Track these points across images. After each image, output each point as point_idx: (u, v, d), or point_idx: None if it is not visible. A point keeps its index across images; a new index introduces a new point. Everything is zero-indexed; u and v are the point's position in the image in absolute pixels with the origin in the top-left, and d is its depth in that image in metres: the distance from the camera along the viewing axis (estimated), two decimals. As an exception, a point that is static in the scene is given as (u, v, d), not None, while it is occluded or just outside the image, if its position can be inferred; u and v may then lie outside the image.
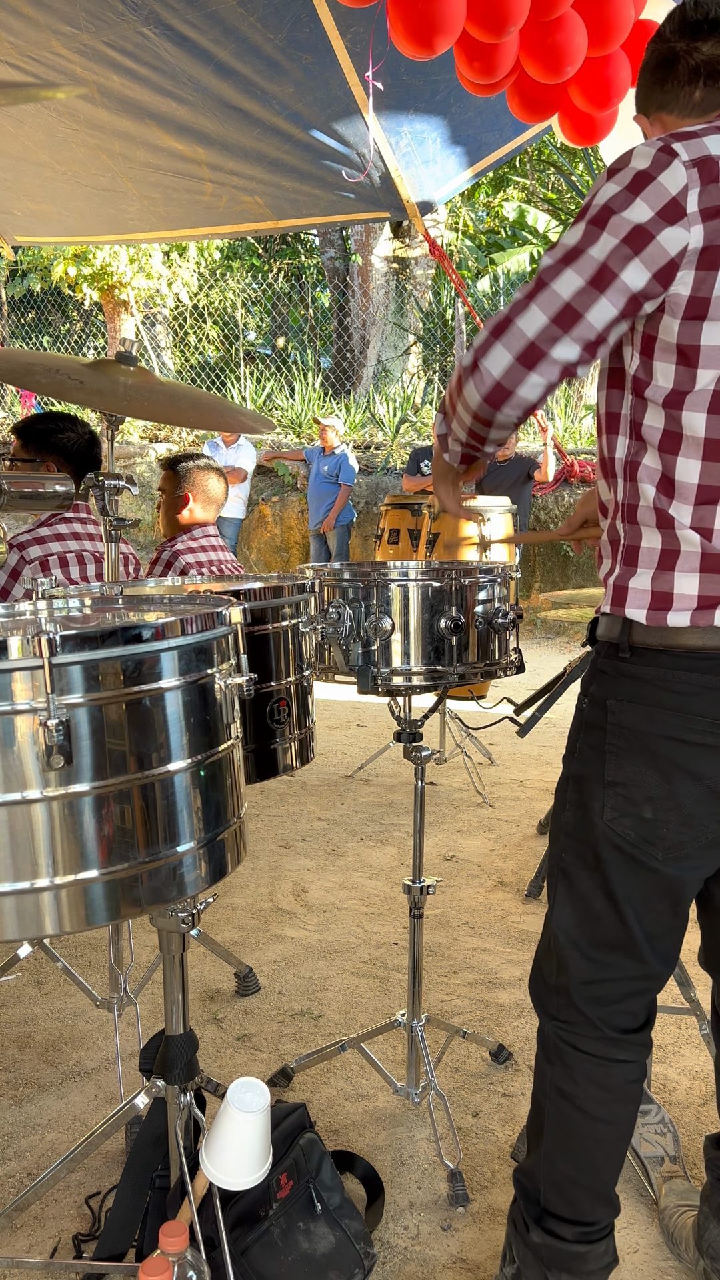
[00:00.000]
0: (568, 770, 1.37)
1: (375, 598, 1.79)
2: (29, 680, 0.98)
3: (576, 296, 1.14)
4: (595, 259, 1.13)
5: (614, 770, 1.28)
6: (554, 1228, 1.40)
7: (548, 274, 1.16)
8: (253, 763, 1.54)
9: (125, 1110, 1.61)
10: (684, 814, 1.24)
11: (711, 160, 1.13)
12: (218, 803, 1.16)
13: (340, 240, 12.58)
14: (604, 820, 1.30)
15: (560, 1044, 1.39)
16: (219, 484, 3.04)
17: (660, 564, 1.22)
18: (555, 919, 1.39)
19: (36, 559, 2.37)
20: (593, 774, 1.31)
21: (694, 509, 1.19)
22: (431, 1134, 1.93)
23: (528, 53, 3.17)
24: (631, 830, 1.28)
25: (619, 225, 1.13)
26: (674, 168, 1.12)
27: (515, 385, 1.17)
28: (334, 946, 2.77)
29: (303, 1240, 1.46)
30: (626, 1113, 1.40)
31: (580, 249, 1.15)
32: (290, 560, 9.48)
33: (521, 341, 1.15)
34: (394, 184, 4.42)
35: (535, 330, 1.15)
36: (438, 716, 4.76)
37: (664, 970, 1.36)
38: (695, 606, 1.19)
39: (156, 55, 3.57)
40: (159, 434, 10.49)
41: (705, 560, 1.19)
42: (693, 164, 1.12)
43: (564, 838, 1.37)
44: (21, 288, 12.21)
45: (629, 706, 1.26)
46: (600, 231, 1.14)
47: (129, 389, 1.71)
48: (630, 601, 1.24)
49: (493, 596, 1.89)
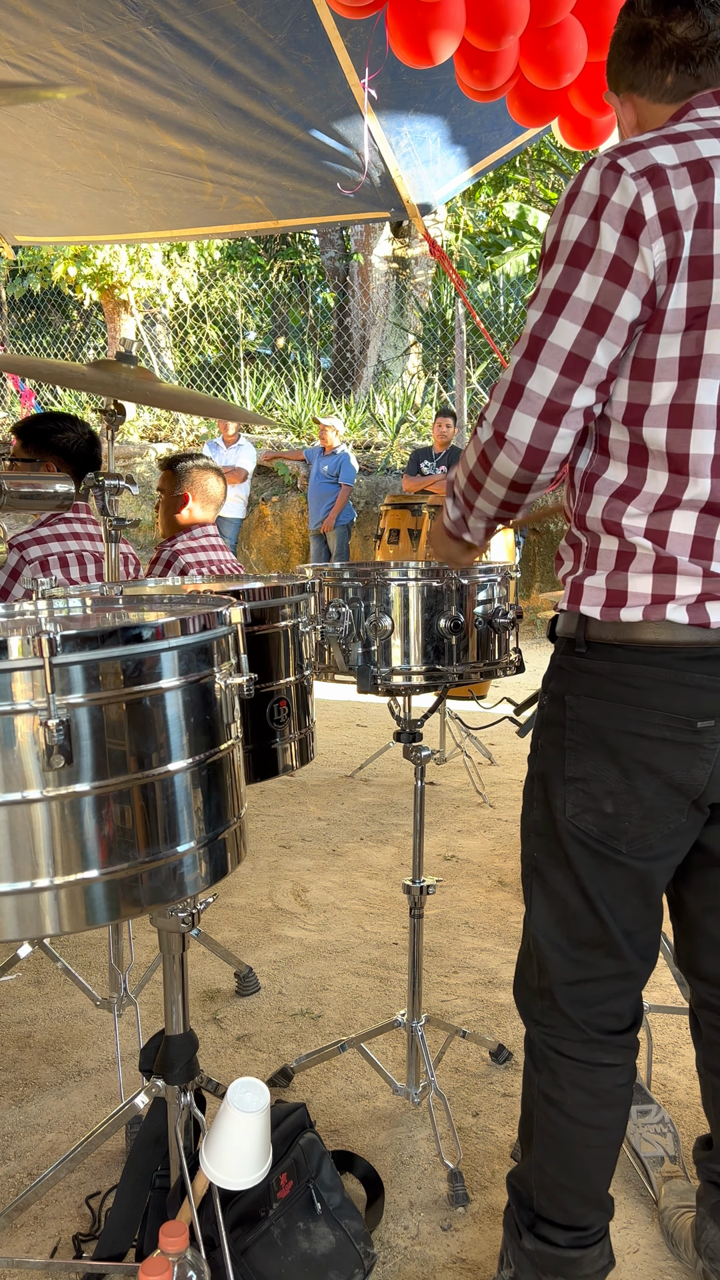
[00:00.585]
0: (532, 768, 1.38)
1: (375, 598, 1.79)
2: (29, 680, 0.98)
3: (578, 344, 1.15)
4: (585, 302, 1.14)
5: (574, 766, 1.30)
6: (547, 1234, 1.40)
7: (541, 329, 1.17)
8: (253, 763, 1.54)
9: (125, 1110, 1.61)
10: (645, 807, 1.26)
11: (658, 169, 1.13)
12: (218, 803, 1.16)
13: (340, 240, 12.59)
14: (566, 816, 1.31)
15: (545, 1050, 1.39)
16: (218, 483, 3.03)
17: (616, 565, 1.24)
18: (533, 920, 1.39)
19: (36, 559, 2.37)
20: (554, 770, 1.32)
21: (649, 516, 1.21)
22: (431, 1134, 1.93)
23: (527, 59, 3.17)
24: (594, 825, 1.29)
25: (598, 261, 1.14)
26: (623, 183, 1.13)
27: (548, 444, 1.18)
28: (334, 946, 2.77)
29: (303, 1240, 1.46)
30: (615, 1117, 1.39)
31: (566, 294, 1.15)
32: (290, 560, 9.48)
33: (539, 402, 1.16)
34: (394, 184, 4.42)
35: (549, 388, 1.16)
36: (438, 716, 4.76)
37: (644, 967, 1.36)
38: (648, 603, 1.21)
39: (157, 55, 3.57)
40: (159, 434, 10.49)
41: (658, 563, 1.21)
42: (639, 174, 1.13)
43: (534, 837, 1.38)
44: (21, 288, 12.21)
45: (587, 701, 1.28)
46: (580, 271, 1.15)
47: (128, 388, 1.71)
48: (586, 599, 1.26)
49: (493, 596, 1.89)
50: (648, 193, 1.12)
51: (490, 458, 1.21)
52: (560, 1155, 1.39)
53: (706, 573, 1.19)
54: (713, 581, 1.19)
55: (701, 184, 1.12)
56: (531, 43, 3.12)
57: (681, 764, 1.23)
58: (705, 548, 1.19)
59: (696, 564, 1.19)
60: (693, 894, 1.38)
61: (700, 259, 1.13)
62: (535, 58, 3.15)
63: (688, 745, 1.22)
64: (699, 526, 1.19)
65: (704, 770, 1.23)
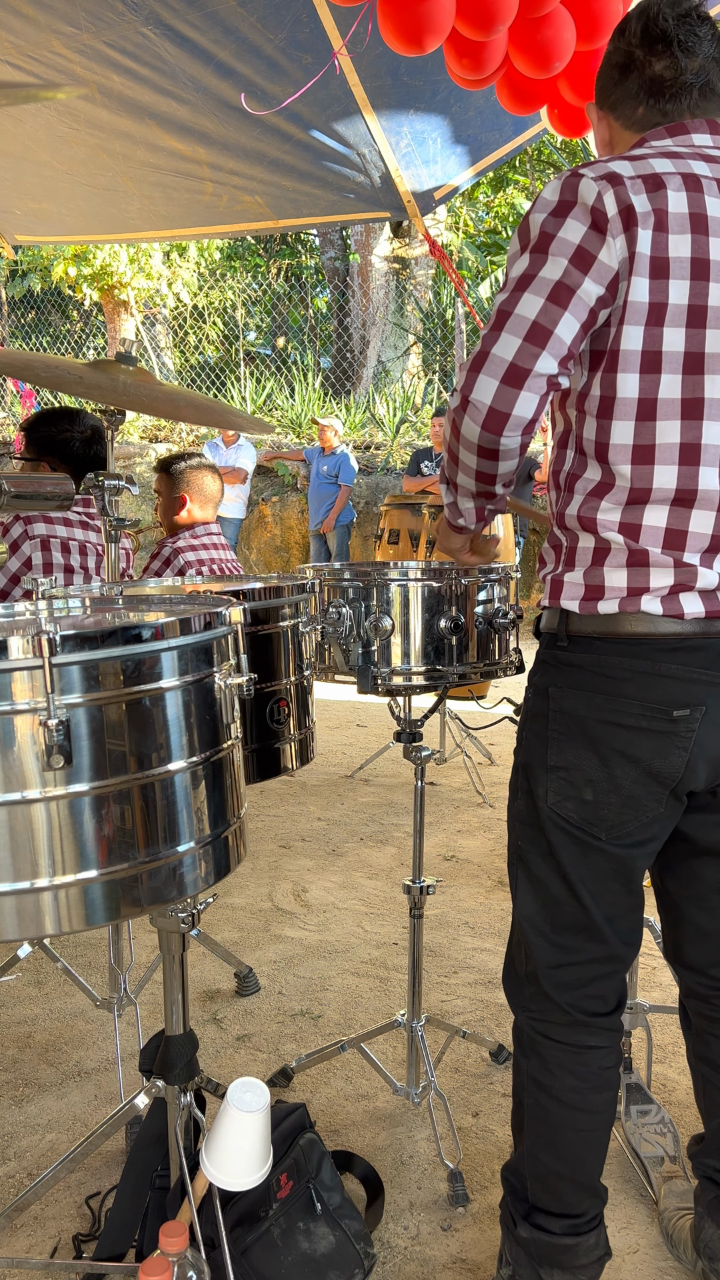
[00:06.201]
0: (517, 759, 1.42)
1: (375, 598, 1.79)
2: (29, 680, 0.98)
3: (542, 314, 1.19)
4: (549, 279, 1.20)
5: (555, 755, 1.34)
6: (542, 1222, 1.42)
7: (508, 304, 1.21)
8: (253, 763, 1.54)
9: (125, 1110, 1.61)
10: (623, 795, 1.30)
11: (616, 175, 1.22)
12: (218, 803, 1.16)
13: (340, 240, 12.59)
14: (548, 804, 1.35)
15: (534, 1035, 1.42)
16: (214, 480, 3.04)
17: (593, 561, 1.29)
18: (519, 907, 1.43)
19: (40, 536, 2.38)
20: (536, 760, 1.37)
21: (622, 510, 1.26)
22: (431, 1134, 1.93)
23: (516, 47, 3.17)
24: (574, 813, 1.33)
25: (562, 246, 1.20)
26: (584, 184, 1.21)
27: (510, 406, 1.20)
28: (334, 946, 2.77)
29: (303, 1240, 1.46)
30: (604, 1100, 1.41)
31: (532, 274, 1.21)
32: (290, 560, 9.48)
33: (502, 365, 1.20)
34: (394, 184, 4.42)
35: (513, 352, 1.19)
36: (438, 716, 4.76)
37: (627, 951, 1.39)
38: (624, 595, 1.26)
39: (157, 55, 3.57)
40: (159, 434, 10.49)
41: (631, 556, 1.26)
42: (599, 178, 1.21)
43: (519, 825, 1.42)
44: (21, 288, 12.21)
45: (569, 693, 1.32)
46: (545, 256, 1.20)
47: (128, 388, 1.71)
48: (565, 594, 1.31)
49: (493, 596, 1.89)
50: (608, 191, 1.20)
51: (459, 424, 1.25)
52: (552, 1141, 1.41)
53: (678, 563, 1.24)
54: (685, 572, 1.24)
55: (655, 193, 1.20)
56: (521, 32, 3.11)
57: (659, 752, 1.27)
58: (677, 539, 1.24)
59: (668, 555, 1.24)
60: (677, 883, 1.42)
61: (658, 260, 1.20)
62: (525, 47, 3.14)
63: (664, 734, 1.26)
64: (670, 519, 1.24)
65: (680, 758, 1.27)
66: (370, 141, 4.08)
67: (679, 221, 1.20)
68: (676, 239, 1.19)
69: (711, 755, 1.28)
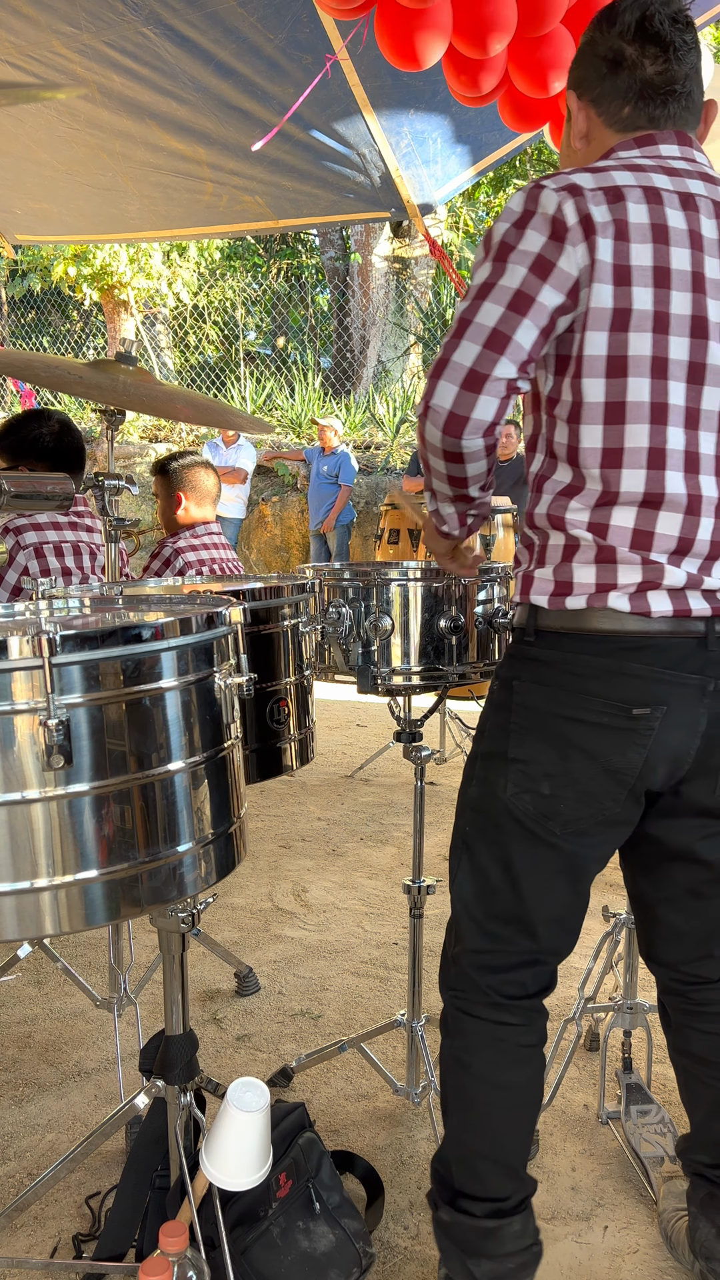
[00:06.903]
0: (476, 749, 1.44)
1: (375, 598, 1.79)
2: (29, 680, 0.98)
3: (501, 322, 1.21)
4: (509, 288, 1.22)
5: (516, 748, 1.35)
6: (464, 1205, 1.43)
7: (468, 312, 1.24)
8: (253, 763, 1.54)
9: (125, 1110, 1.61)
10: (579, 790, 1.31)
11: (577, 186, 1.24)
12: (217, 803, 1.16)
13: (340, 240, 12.58)
14: (506, 795, 1.36)
15: (457, 1014, 1.44)
16: (209, 476, 3.04)
17: (563, 558, 1.31)
18: (455, 890, 1.45)
19: (32, 545, 2.36)
20: (497, 751, 1.38)
21: (591, 511, 1.28)
22: (431, 1134, 1.93)
23: (516, 66, 3.17)
24: (531, 805, 1.34)
25: (522, 256, 1.23)
26: (545, 195, 1.24)
27: (469, 410, 1.22)
28: (334, 946, 2.78)
29: (302, 1240, 1.46)
30: (523, 1077, 1.43)
31: (492, 283, 1.23)
32: (290, 560, 9.49)
33: (462, 371, 1.22)
34: (394, 184, 4.42)
35: (472, 358, 1.22)
36: (438, 716, 4.76)
37: (557, 948, 1.42)
38: (592, 591, 1.28)
39: (157, 55, 3.57)
40: (159, 434, 10.49)
41: (600, 553, 1.28)
42: (560, 189, 1.24)
43: (469, 812, 1.44)
44: (21, 288, 12.21)
45: (532, 687, 1.34)
46: (505, 264, 1.23)
47: (128, 388, 1.71)
48: (535, 589, 1.33)
49: (492, 596, 1.89)
50: (568, 201, 1.22)
51: (423, 430, 1.27)
52: (472, 1120, 1.43)
53: (645, 561, 1.26)
54: (652, 570, 1.26)
55: (616, 205, 1.23)
56: (520, 50, 3.12)
57: (617, 749, 1.29)
58: (644, 539, 1.26)
59: (636, 553, 1.26)
60: (651, 885, 1.45)
61: (621, 267, 1.22)
62: (524, 65, 3.15)
63: (624, 731, 1.28)
64: (638, 520, 1.26)
65: (639, 755, 1.29)
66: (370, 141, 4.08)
67: (640, 231, 1.22)
68: (638, 248, 1.22)
69: (672, 754, 1.30)
